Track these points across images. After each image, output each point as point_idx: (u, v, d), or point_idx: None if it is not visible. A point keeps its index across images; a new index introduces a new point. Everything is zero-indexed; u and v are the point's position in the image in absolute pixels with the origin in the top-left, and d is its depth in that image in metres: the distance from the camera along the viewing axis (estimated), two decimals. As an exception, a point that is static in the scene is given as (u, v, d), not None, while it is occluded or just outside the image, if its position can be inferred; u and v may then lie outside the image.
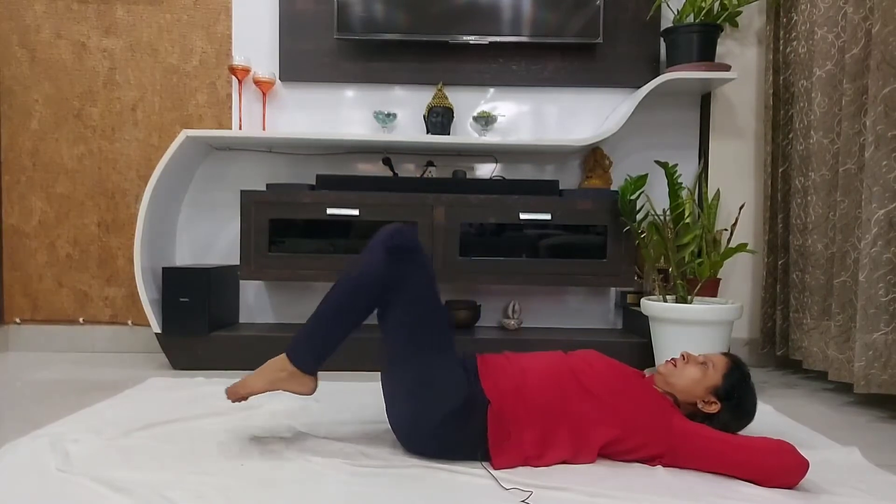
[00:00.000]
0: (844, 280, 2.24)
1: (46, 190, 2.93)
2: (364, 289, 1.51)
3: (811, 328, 2.42)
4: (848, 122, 2.24)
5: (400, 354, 1.52)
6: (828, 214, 2.38)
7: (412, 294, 1.51)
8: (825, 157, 2.39)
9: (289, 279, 2.67)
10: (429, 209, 2.59)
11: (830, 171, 2.38)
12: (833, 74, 2.36)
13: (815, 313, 2.42)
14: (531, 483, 1.36)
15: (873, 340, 2.02)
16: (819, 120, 2.40)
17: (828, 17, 2.37)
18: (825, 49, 2.38)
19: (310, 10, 2.85)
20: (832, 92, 2.37)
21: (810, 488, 1.38)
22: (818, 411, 2.13)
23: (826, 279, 2.38)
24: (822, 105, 2.39)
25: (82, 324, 2.95)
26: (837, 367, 2.22)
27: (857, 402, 2.23)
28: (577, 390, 1.50)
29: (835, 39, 2.35)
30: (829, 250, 2.37)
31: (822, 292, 2.40)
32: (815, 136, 2.41)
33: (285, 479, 1.40)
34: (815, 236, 2.42)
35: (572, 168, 2.98)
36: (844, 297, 2.23)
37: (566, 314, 2.96)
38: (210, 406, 1.94)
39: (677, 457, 1.46)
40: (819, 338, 2.39)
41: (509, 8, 2.76)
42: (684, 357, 1.59)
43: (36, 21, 2.89)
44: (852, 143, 2.23)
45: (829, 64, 2.37)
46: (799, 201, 2.56)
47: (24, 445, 1.56)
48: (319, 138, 2.70)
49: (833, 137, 2.37)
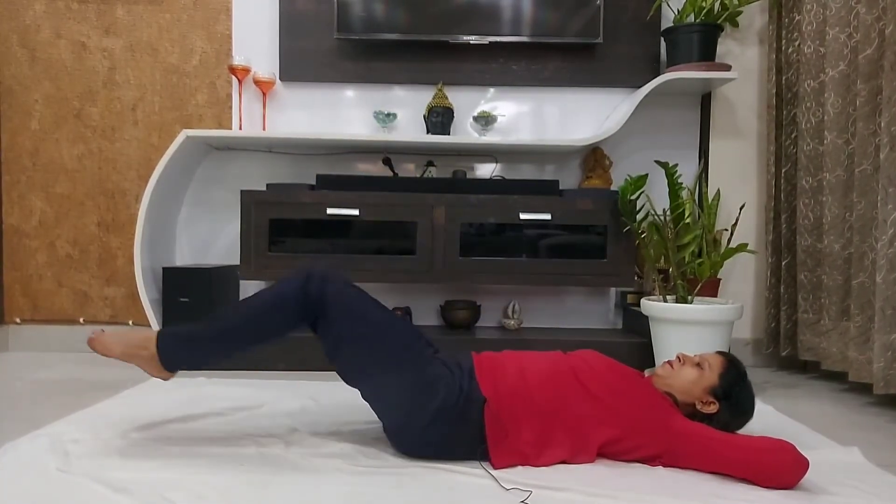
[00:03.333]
0: (862, 281, 2.23)
1: (46, 190, 2.93)
2: (280, 308, 1.49)
3: (829, 329, 2.41)
4: (863, 122, 2.23)
5: (369, 374, 1.52)
6: (844, 215, 2.37)
7: (344, 314, 1.49)
8: (840, 158, 2.38)
9: (289, 279, 2.67)
10: (429, 209, 2.59)
11: (846, 171, 2.36)
12: (846, 75, 2.35)
13: (833, 314, 2.40)
14: (531, 483, 1.35)
15: (891, 341, 2.01)
16: (833, 120, 2.39)
17: (839, 17, 2.36)
18: (837, 49, 2.37)
19: (310, 10, 2.85)
20: (845, 92, 2.36)
21: (810, 488, 1.37)
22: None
23: (844, 280, 2.37)
24: (835, 105, 2.38)
25: (82, 324, 2.95)
26: (857, 367, 2.22)
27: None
28: (577, 390, 1.50)
29: (847, 40, 2.34)
30: (847, 251, 2.36)
31: (840, 293, 2.38)
32: (829, 137, 2.40)
33: (285, 479, 1.40)
34: (831, 237, 2.40)
35: (572, 168, 2.98)
36: (863, 298, 2.22)
37: (566, 314, 2.96)
38: (210, 406, 1.94)
39: (677, 456, 1.46)
40: (838, 338, 2.37)
41: (509, 8, 2.75)
42: (680, 359, 1.60)
43: (36, 21, 2.89)
44: (867, 144, 2.22)
45: (841, 64, 2.36)
46: (807, 201, 2.55)
47: (23, 445, 1.56)
48: (319, 138, 2.70)
49: (847, 138, 2.36)
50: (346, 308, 1.50)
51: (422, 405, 1.46)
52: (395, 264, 2.61)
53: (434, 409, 1.45)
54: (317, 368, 2.53)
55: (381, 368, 1.50)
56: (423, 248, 2.59)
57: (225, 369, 2.52)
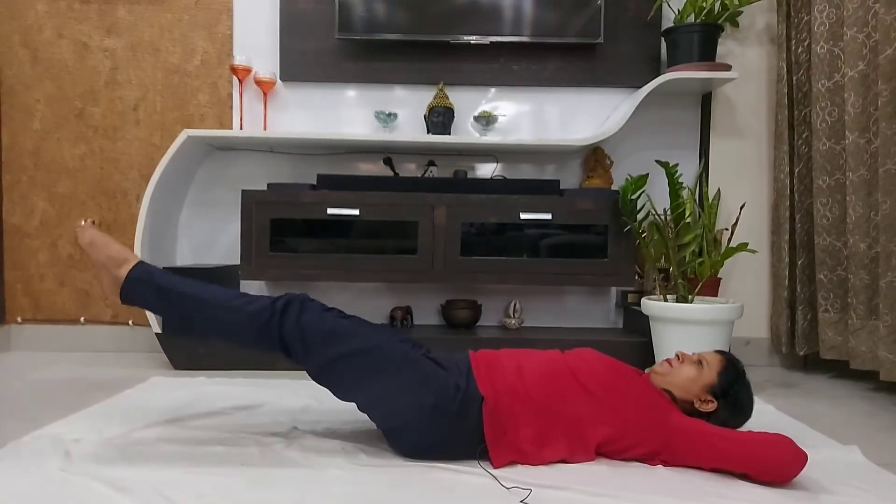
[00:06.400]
0: (891, 280, 2.22)
1: (48, 189, 2.93)
2: (253, 322, 1.51)
3: (858, 328, 2.40)
4: (886, 122, 2.22)
5: (358, 389, 1.51)
6: (869, 214, 2.36)
7: (319, 341, 1.50)
8: (863, 157, 2.37)
9: (289, 279, 2.67)
10: (429, 209, 2.59)
11: (869, 170, 2.36)
12: (866, 75, 2.35)
13: (861, 313, 2.39)
14: (531, 482, 1.35)
15: None
16: (854, 120, 2.38)
17: (857, 17, 2.36)
18: (856, 49, 2.37)
19: (311, 10, 2.85)
20: (866, 92, 2.36)
21: (811, 487, 1.37)
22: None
23: (871, 279, 2.37)
24: (855, 105, 2.37)
25: (83, 323, 2.95)
26: (889, 367, 2.21)
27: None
28: (575, 388, 1.50)
29: (865, 39, 2.34)
30: (873, 250, 2.35)
31: (868, 292, 2.38)
32: (851, 137, 2.39)
33: (285, 478, 1.40)
34: (856, 236, 2.39)
35: (573, 168, 2.98)
36: (892, 298, 2.22)
37: (567, 314, 2.96)
38: (210, 406, 1.95)
39: (675, 452, 1.46)
40: (867, 338, 2.36)
41: (510, 8, 2.75)
42: (679, 357, 1.60)
43: (38, 21, 2.89)
44: (891, 144, 2.21)
45: (861, 64, 2.36)
46: (824, 201, 2.55)
47: (24, 445, 1.56)
48: (320, 138, 2.71)
49: (869, 137, 2.36)
50: (320, 335, 1.50)
51: (417, 406, 1.46)
52: (395, 264, 2.61)
53: (430, 407, 1.45)
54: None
55: (370, 381, 1.49)
56: (424, 247, 2.59)
57: (225, 369, 2.53)
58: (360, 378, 1.49)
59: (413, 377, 1.49)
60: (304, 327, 1.50)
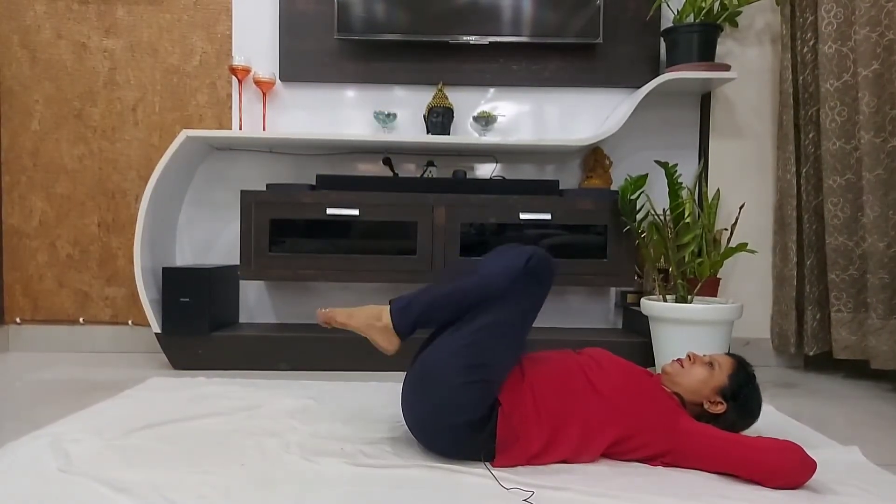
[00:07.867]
0: None
1: (47, 190, 2.93)
2: (488, 295, 1.51)
3: (878, 328, 2.39)
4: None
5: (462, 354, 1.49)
6: (887, 213, 2.36)
7: (511, 309, 1.52)
8: (879, 157, 2.36)
9: (289, 279, 2.67)
10: (429, 209, 2.59)
11: (886, 170, 2.35)
12: (880, 74, 2.35)
13: (881, 312, 2.38)
14: (532, 483, 1.36)
15: None
16: (868, 120, 2.37)
17: (870, 16, 2.35)
18: (869, 49, 2.36)
19: (310, 11, 2.85)
20: (881, 91, 2.35)
21: (811, 487, 1.37)
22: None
23: (892, 278, 2.36)
24: (870, 105, 2.36)
25: (83, 324, 2.95)
26: None
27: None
28: (586, 389, 1.50)
29: (879, 38, 2.34)
30: (892, 249, 2.35)
31: (889, 291, 2.37)
32: (867, 136, 2.38)
33: (285, 479, 1.40)
34: (874, 236, 2.38)
35: (572, 168, 2.98)
36: None
37: (566, 314, 2.96)
38: (210, 406, 1.94)
39: (682, 456, 1.47)
40: (888, 337, 2.36)
41: (509, 8, 2.75)
42: (690, 357, 1.60)
43: (36, 21, 2.89)
44: None
45: (875, 63, 2.35)
46: (835, 201, 2.53)
47: (24, 445, 1.56)
48: (320, 138, 2.71)
49: (885, 136, 2.35)
50: (522, 307, 1.54)
51: (465, 406, 1.45)
52: (395, 264, 2.61)
53: (468, 417, 1.45)
54: (317, 368, 2.54)
55: (477, 358, 1.48)
56: (424, 248, 2.59)
57: (225, 369, 2.53)
58: (481, 351, 1.49)
59: (488, 389, 1.48)
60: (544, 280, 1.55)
